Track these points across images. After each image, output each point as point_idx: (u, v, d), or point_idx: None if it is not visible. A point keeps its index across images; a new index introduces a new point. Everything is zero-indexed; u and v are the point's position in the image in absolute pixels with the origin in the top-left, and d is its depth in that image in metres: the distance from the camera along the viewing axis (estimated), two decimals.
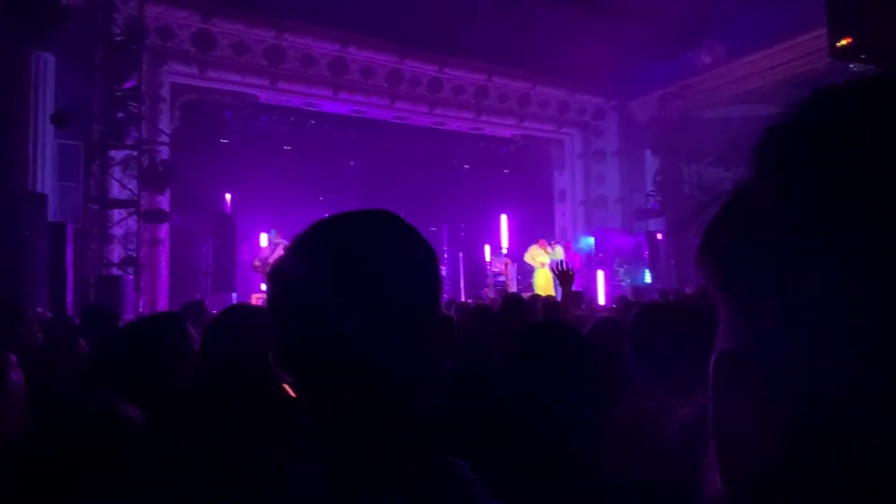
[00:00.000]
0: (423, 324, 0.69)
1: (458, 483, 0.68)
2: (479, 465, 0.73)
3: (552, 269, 4.57)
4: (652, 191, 13.40)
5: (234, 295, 9.96)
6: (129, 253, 8.96)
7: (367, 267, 0.66)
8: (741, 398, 0.35)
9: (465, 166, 15.48)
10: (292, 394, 1.72)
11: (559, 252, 11.91)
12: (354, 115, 12.56)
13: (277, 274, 0.70)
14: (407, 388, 0.68)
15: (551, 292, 10.25)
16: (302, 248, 0.70)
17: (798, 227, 0.32)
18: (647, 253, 12.93)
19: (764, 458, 0.33)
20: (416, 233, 0.72)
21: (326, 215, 0.73)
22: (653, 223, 13.31)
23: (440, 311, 0.72)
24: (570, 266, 4.19)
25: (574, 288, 4.45)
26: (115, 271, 8.82)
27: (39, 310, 4.85)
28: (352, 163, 14.07)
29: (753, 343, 0.34)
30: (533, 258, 11.96)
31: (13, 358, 1.91)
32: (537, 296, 6.52)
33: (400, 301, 0.67)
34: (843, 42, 7.25)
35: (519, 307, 3.66)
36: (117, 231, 9.13)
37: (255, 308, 2.14)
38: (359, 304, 0.65)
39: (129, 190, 9.00)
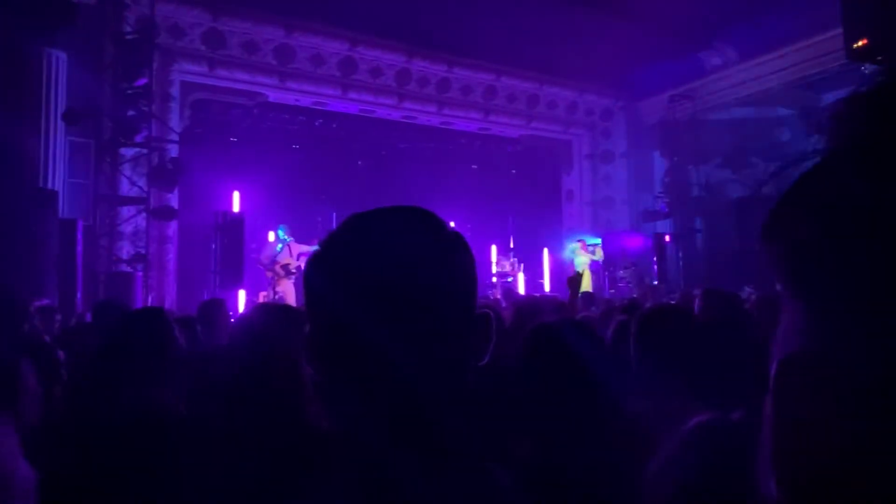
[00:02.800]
0: (461, 320, 0.68)
1: (497, 490, 0.66)
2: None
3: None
4: (660, 192, 13.36)
5: (242, 292, 10.01)
6: (139, 250, 9.02)
7: (407, 263, 0.66)
8: (819, 401, 0.31)
9: (473, 166, 15.47)
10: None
11: (599, 253, 12.10)
12: (363, 114, 12.58)
13: (314, 271, 0.70)
14: (445, 385, 0.67)
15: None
16: (340, 244, 0.70)
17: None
18: (654, 255, 12.89)
19: (840, 460, 0.30)
20: (451, 230, 0.72)
21: (359, 211, 0.73)
22: (660, 225, 13.26)
23: (476, 308, 0.71)
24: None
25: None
26: (125, 268, 8.89)
27: (40, 303, 4.87)
28: (360, 162, 14.09)
29: (835, 344, 0.31)
30: (577, 259, 12.10)
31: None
32: (545, 297, 6.53)
33: (438, 297, 0.67)
34: (860, 43, 7.21)
35: (534, 313, 3.63)
36: (127, 228, 9.19)
37: (282, 306, 2.17)
38: (398, 300, 0.65)
39: (139, 187, 9.07)
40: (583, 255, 12.07)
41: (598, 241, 12.70)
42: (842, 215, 0.31)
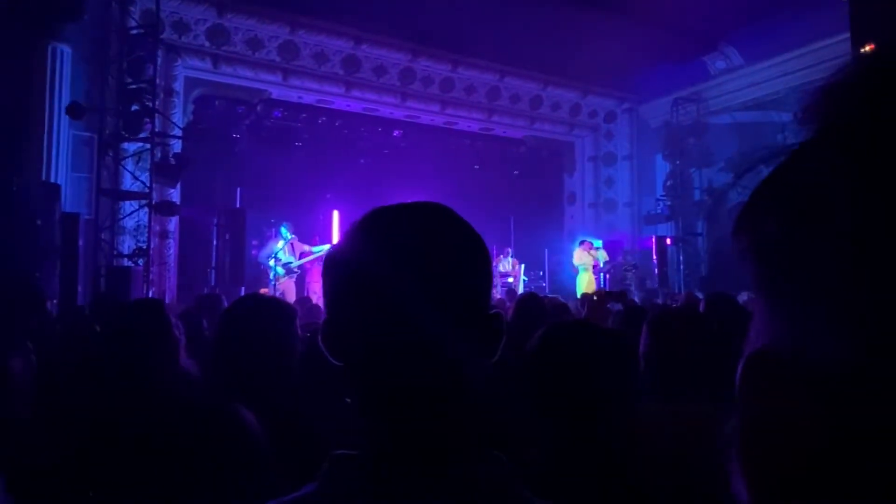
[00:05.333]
0: (476, 320, 0.69)
1: (505, 476, 0.67)
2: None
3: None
4: (662, 195, 13.35)
5: (242, 289, 10.01)
6: (140, 244, 9.02)
7: (427, 257, 0.67)
8: (783, 400, 0.30)
9: (475, 167, 15.45)
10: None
11: (602, 254, 12.15)
12: (366, 112, 12.57)
13: (336, 262, 0.71)
14: (460, 379, 0.68)
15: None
16: (362, 237, 0.71)
17: (869, 221, 0.27)
18: (655, 258, 12.88)
19: (805, 461, 0.29)
20: (469, 226, 0.73)
21: (380, 206, 0.73)
22: (662, 228, 13.25)
23: (490, 305, 0.72)
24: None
25: None
26: (126, 262, 8.89)
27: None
28: (362, 160, 14.08)
29: (800, 341, 0.29)
30: (581, 261, 12.15)
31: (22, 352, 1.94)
32: (546, 297, 6.52)
33: (457, 298, 0.67)
34: (867, 48, 7.22)
35: (538, 311, 3.63)
36: (128, 223, 9.19)
37: (270, 297, 2.17)
38: (418, 294, 0.65)
39: (142, 182, 9.06)
40: (585, 257, 12.11)
41: (600, 242, 12.74)
42: (812, 206, 0.29)
